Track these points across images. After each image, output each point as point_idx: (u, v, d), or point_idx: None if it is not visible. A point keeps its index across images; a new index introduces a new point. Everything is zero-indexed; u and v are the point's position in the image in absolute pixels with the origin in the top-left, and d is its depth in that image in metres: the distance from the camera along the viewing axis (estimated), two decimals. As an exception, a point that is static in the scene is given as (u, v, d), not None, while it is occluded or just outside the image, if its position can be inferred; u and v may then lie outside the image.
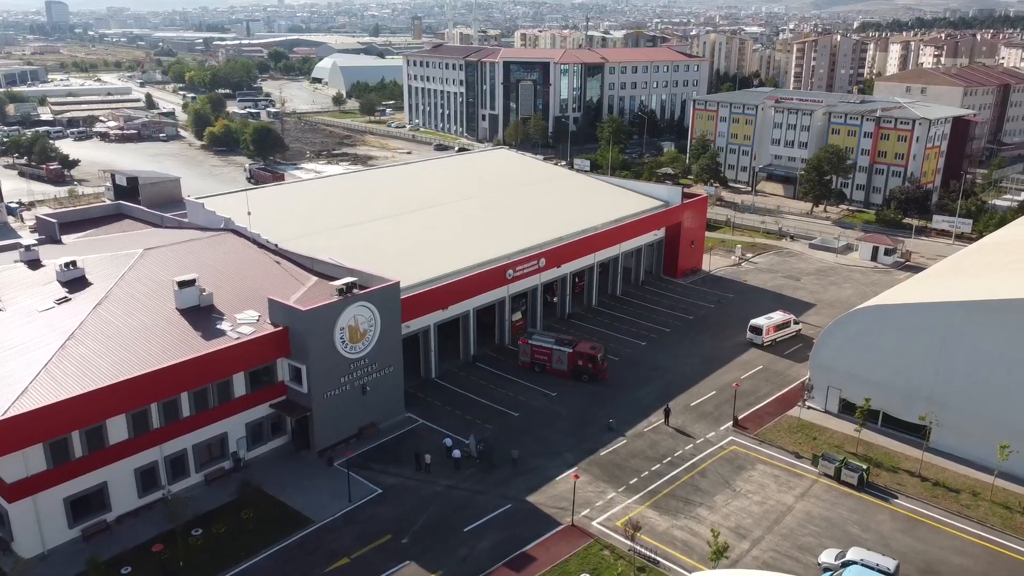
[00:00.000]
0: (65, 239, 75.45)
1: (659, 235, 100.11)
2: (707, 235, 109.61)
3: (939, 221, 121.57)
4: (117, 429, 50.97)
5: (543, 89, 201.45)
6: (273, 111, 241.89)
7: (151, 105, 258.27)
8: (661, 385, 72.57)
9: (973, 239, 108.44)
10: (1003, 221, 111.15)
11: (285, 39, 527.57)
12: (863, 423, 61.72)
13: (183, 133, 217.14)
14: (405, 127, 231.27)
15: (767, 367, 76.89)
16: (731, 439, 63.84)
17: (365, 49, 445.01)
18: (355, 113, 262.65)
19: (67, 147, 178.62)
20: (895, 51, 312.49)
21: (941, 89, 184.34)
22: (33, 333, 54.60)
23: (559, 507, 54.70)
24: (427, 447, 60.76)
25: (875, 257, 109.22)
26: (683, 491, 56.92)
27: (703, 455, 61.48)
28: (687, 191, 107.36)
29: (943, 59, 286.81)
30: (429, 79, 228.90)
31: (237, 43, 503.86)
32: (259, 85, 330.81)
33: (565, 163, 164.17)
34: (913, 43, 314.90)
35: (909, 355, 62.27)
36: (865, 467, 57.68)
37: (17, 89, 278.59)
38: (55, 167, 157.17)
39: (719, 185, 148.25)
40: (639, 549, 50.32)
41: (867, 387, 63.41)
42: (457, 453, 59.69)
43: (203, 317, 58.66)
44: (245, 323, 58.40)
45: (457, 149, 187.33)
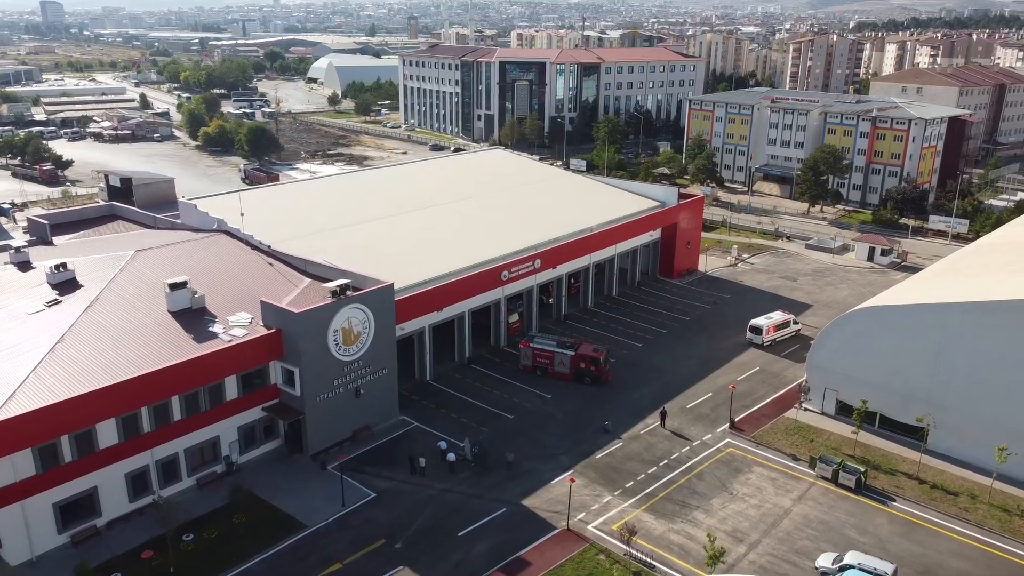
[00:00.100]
0: (56, 240, 74.85)
1: (655, 236, 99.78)
2: (703, 235, 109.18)
3: (935, 221, 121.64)
4: (107, 433, 50.44)
5: (539, 89, 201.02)
6: (268, 111, 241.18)
7: (145, 105, 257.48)
8: (658, 387, 72.15)
9: (969, 239, 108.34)
10: (999, 221, 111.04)
11: (281, 39, 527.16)
12: (860, 425, 61.39)
13: (178, 133, 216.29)
14: (401, 127, 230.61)
15: (764, 368, 76.53)
16: (728, 441, 63.46)
17: (361, 49, 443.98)
18: (351, 113, 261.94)
19: (61, 147, 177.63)
20: (891, 51, 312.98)
21: (937, 89, 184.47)
22: (22, 336, 54.09)
23: (554, 511, 54.28)
24: (421, 450, 60.28)
25: (871, 257, 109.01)
26: (679, 494, 56.52)
27: (699, 458, 61.09)
28: (683, 191, 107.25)
29: (939, 59, 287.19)
30: (425, 79, 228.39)
31: (233, 43, 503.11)
32: (254, 85, 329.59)
33: (561, 163, 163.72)
34: (909, 43, 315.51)
35: (906, 356, 61.97)
36: (863, 470, 57.35)
37: (11, 89, 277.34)
38: (48, 168, 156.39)
39: (715, 185, 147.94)
40: (635, 553, 50.06)
41: (864, 389, 63.05)
42: (452, 456, 59.23)
43: (195, 319, 58.18)
44: (237, 325, 57.91)
45: (453, 149, 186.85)
